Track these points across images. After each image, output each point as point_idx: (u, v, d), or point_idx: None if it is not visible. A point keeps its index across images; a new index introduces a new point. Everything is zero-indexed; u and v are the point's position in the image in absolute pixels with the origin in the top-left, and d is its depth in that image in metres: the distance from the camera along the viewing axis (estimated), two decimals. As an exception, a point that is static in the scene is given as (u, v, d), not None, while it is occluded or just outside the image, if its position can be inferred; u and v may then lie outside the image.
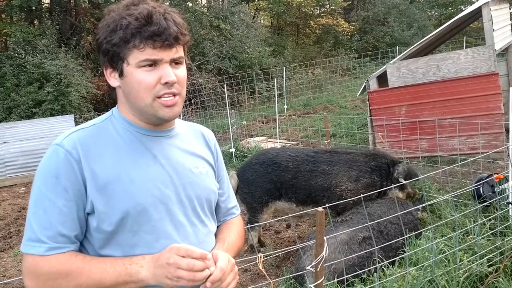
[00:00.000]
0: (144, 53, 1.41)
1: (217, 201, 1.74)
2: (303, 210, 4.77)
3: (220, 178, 1.76)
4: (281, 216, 5.14)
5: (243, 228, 1.85)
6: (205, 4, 20.44)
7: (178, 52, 1.46)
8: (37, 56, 13.63)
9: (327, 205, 3.66)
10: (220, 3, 19.91)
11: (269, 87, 17.51)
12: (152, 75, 1.43)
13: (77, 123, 10.86)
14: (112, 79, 1.50)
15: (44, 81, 13.56)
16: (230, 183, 1.87)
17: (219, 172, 1.77)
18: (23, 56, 13.53)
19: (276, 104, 11.19)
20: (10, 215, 7.52)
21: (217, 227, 1.75)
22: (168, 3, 15.74)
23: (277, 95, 12.04)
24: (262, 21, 26.21)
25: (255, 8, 24.82)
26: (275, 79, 13.42)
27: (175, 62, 1.46)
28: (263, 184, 4.87)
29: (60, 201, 1.38)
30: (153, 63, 1.42)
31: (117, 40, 1.41)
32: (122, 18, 1.41)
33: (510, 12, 9.02)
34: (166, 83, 1.43)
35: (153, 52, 1.41)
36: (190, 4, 17.37)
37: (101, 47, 1.46)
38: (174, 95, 1.47)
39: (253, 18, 21.51)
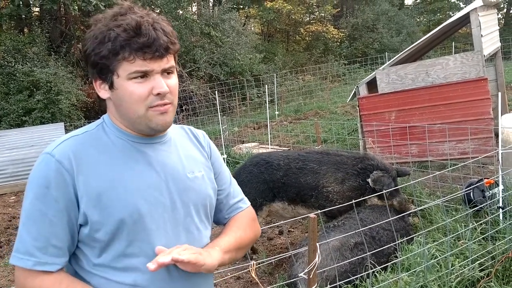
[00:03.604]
0: (134, 64, 1.38)
1: (219, 199, 1.71)
2: (295, 209, 4.81)
3: (218, 174, 1.72)
4: (274, 223, 5.13)
5: (249, 218, 1.77)
6: (196, 12, 20.46)
7: (169, 61, 1.44)
8: (27, 64, 13.53)
9: (319, 211, 3.68)
10: (211, 10, 19.94)
11: (260, 93, 17.52)
12: (144, 87, 1.41)
13: (67, 131, 10.79)
14: (102, 90, 1.47)
15: (34, 89, 13.46)
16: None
17: (216, 169, 1.73)
18: (13, 64, 13.42)
19: (267, 110, 11.20)
20: (0, 225, 7.44)
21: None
22: (158, 11, 15.78)
23: (268, 101, 12.05)
24: (252, 28, 26.26)
25: (245, 15, 24.89)
26: (266, 85, 13.43)
27: (166, 72, 1.44)
28: (257, 186, 4.87)
29: (50, 212, 1.36)
30: (144, 75, 1.40)
31: (105, 53, 1.38)
32: (110, 29, 1.38)
33: (498, 18, 9.12)
34: (158, 94, 1.41)
35: (144, 63, 1.38)
36: (181, 12, 17.38)
37: (89, 59, 1.43)
38: (166, 105, 1.45)
39: (243, 25, 21.54)
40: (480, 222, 4.20)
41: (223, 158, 8.74)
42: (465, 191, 4.73)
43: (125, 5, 1.44)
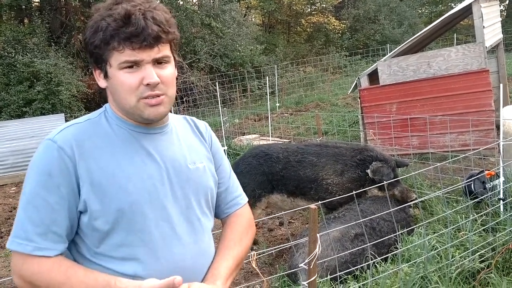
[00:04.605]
0: (123, 54, 1.38)
1: (218, 192, 1.70)
2: (294, 201, 4.80)
3: (218, 167, 1.71)
4: (274, 214, 5.13)
5: (246, 223, 1.75)
6: (196, 2, 20.36)
7: (161, 51, 1.42)
8: (27, 55, 13.52)
9: (319, 202, 3.67)
10: (211, 1, 19.84)
11: (261, 85, 17.49)
12: (134, 76, 1.40)
13: (67, 122, 10.80)
14: (101, 80, 1.48)
15: (35, 80, 13.47)
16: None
17: (217, 161, 1.72)
18: (13, 55, 13.42)
19: (268, 102, 11.19)
20: (0, 215, 7.46)
21: (223, 222, 1.74)
22: (158, 1, 15.68)
23: (269, 93, 12.03)
24: (253, 19, 26.17)
25: (246, 6, 24.77)
26: (267, 77, 13.40)
27: (158, 62, 1.43)
28: (256, 177, 4.86)
29: (52, 198, 1.36)
30: (134, 64, 1.39)
31: (98, 42, 1.39)
32: (102, 19, 1.39)
33: (500, 10, 9.06)
34: (148, 84, 1.40)
35: (132, 53, 1.38)
36: (181, 2, 17.31)
37: (87, 48, 1.44)
38: (158, 96, 1.44)
39: (244, 16, 21.48)
40: (481, 213, 4.19)
41: (224, 150, 8.83)
42: (466, 182, 4.72)
43: None
